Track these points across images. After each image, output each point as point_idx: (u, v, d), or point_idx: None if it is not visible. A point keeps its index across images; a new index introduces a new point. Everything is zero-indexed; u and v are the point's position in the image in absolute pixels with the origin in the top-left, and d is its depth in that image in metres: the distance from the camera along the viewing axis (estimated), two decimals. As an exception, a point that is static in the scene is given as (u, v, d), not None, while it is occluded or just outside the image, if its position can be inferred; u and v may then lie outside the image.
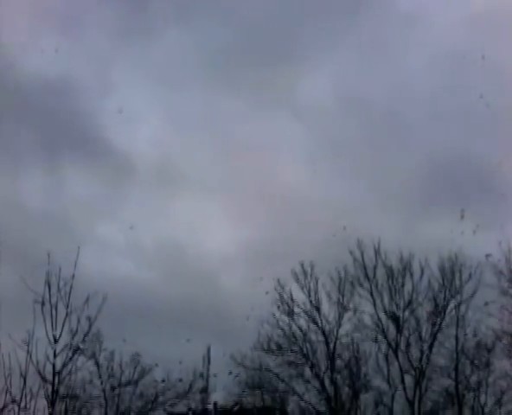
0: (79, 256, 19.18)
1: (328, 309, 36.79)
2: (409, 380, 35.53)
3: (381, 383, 35.97)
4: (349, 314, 36.58)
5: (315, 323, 36.70)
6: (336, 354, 36.56)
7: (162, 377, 33.21)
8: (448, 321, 35.74)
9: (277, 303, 36.29)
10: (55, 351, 19.27)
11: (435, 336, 35.70)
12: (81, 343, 20.27)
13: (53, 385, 19.40)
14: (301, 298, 36.81)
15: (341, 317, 36.63)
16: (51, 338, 19.06)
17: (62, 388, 20.12)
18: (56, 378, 19.41)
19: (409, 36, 46.31)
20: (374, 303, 36.33)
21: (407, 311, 36.14)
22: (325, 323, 36.61)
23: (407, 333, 36.09)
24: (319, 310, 36.76)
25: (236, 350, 34.85)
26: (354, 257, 36.51)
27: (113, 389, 32.82)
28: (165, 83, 48.15)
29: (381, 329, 36.18)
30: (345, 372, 36.62)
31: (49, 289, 19.45)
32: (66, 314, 19.73)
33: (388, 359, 35.92)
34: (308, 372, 36.54)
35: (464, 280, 35.28)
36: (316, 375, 36.29)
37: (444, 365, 35.61)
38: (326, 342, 36.46)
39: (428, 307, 36.07)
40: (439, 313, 35.85)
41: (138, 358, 32.59)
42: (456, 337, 35.27)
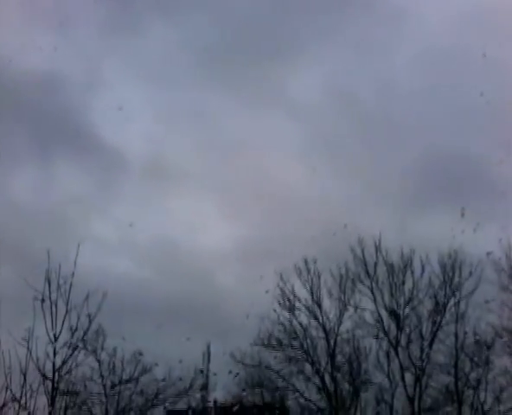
0: (77, 253, 19.12)
1: (329, 305, 36.97)
2: (409, 377, 35.66)
3: (382, 380, 36.12)
4: (350, 310, 36.72)
5: (316, 319, 36.79)
6: (337, 351, 36.65)
7: (162, 375, 33.34)
8: (448, 318, 35.82)
9: (278, 299, 36.44)
10: (55, 348, 19.30)
11: (435, 334, 35.74)
12: (81, 341, 20.28)
13: (53, 382, 19.41)
14: (302, 294, 37.01)
15: (341, 314, 36.74)
16: (51, 335, 19.09)
17: (62, 385, 20.14)
18: (56, 375, 19.44)
19: (399, 32, 46.55)
20: (375, 300, 36.44)
21: (408, 308, 36.22)
22: (326, 320, 36.75)
23: (408, 330, 36.17)
24: (320, 306, 36.86)
25: (236, 348, 35.01)
26: (354, 254, 36.67)
27: (114, 386, 32.89)
28: (157, 80, 48.47)
29: (382, 326, 36.25)
30: (345, 368, 36.68)
31: (49, 286, 19.46)
32: (66, 311, 19.76)
33: (389, 356, 35.99)
34: (308, 368, 36.67)
35: (465, 277, 35.37)
36: (316, 372, 36.36)
37: (443, 362, 35.70)
38: (327, 339, 36.54)
39: (429, 304, 36.17)
40: (440, 310, 35.89)
41: (140, 356, 32.63)
42: (455, 334, 35.33)
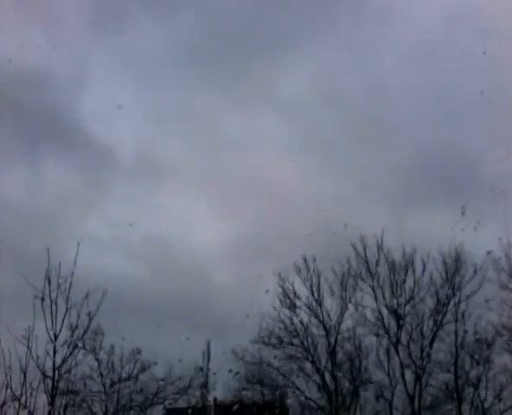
0: (77, 252, 19.08)
1: (330, 303, 36.94)
2: (409, 375, 35.65)
3: (382, 378, 36.12)
4: (351, 309, 36.71)
5: (316, 317, 36.77)
6: (337, 349, 36.63)
7: (161, 373, 33.38)
8: (449, 316, 35.81)
9: (279, 297, 36.43)
10: (55, 346, 19.31)
11: (436, 332, 35.73)
12: (80, 340, 20.29)
13: (53, 380, 19.43)
14: (303, 293, 37.00)
15: (342, 312, 36.70)
16: (51, 334, 19.08)
17: (62, 383, 20.15)
18: (56, 373, 19.44)
19: (389, 30, 46.72)
20: (376, 298, 36.42)
21: (409, 306, 36.19)
22: (326, 318, 36.72)
23: (409, 328, 36.16)
24: (321, 304, 36.83)
25: (237, 345, 35.01)
26: (356, 252, 36.63)
27: (113, 384, 32.89)
28: (147, 78, 48.38)
29: (382, 324, 36.21)
30: (346, 366, 36.67)
31: (49, 284, 19.46)
32: (66, 309, 19.75)
33: (389, 354, 35.98)
34: (308, 366, 36.63)
35: (468, 277, 35.31)
36: (316, 370, 36.34)
37: (444, 360, 35.70)
38: (327, 337, 36.52)
39: (430, 302, 36.15)
40: (441, 309, 35.87)
41: (138, 355, 32.63)
42: (455, 332, 35.32)
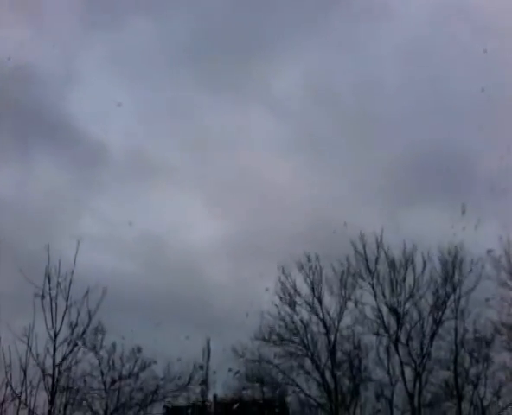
0: (77, 251, 19.08)
1: (329, 301, 36.97)
2: (409, 373, 35.70)
3: (382, 376, 36.15)
4: (351, 306, 36.73)
5: (316, 315, 36.80)
6: (337, 347, 36.66)
7: (161, 371, 33.42)
8: (449, 314, 35.84)
9: (279, 294, 36.47)
10: (55, 344, 19.32)
11: (436, 330, 35.77)
12: (80, 338, 20.30)
13: (53, 377, 19.45)
14: (303, 290, 37.02)
15: (342, 310, 36.73)
16: (51, 332, 19.10)
17: (63, 381, 20.17)
18: (56, 371, 19.46)
19: (382, 28, 46.99)
20: (376, 296, 36.44)
21: (409, 304, 36.23)
22: (326, 315, 36.76)
23: (408, 326, 36.19)
24: (321, 302, 36.86)
25: (236, 343, 35.04)
26: (355, 249, 36.65)
27: (114, 382, 32.91)
28: (139, 75, 48.43)
29: (382, 322, 36.23)
30: (346, 364, 36.70)
31: (49, 282, 19.45)
32: (66, 307, 19.75)
33: (389, 351, 36.02)
34: (308, 364, 36.67)
35: (465, 274, 35.36)
36: (316, 367, 36.37)
37: (443, 357, 35.75)
38: (327, 334, 36.55)
39: (429, 300, 36.18)
40: (440, 307, 35.90)
41: (138, 354, 32.66)
42: (455, 330, 35.35)
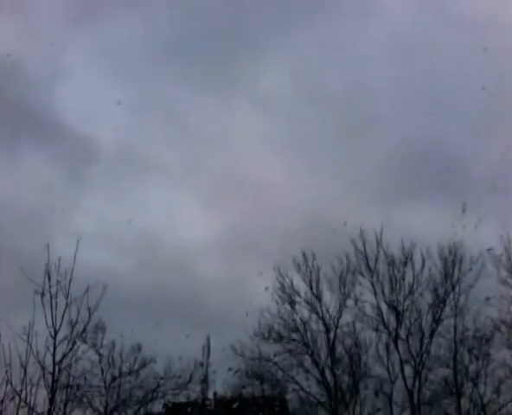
0: (77, 248, 19.04)
1: (329, 298, 37.02)
2: (409, 370, 35.77)
3: (381, 373, 36.22)
4: (350, 303, 36.78)
5: (316, 313, 36.84)
6: (337, 344, 36.72)
7: (161, 368, 33.51)
8: (448, 311, 35.90)
9: (278, 293, 36.51)
10: (55, 342, 19.33)
11: (435, 327, 35.82)
12: (80, 336, 20.28)
13: (53, 375, 19.45)
14: (302, 288, 37.08)
15: (342, 307, 36.78)
16: (51, 329, 19.10)
17: (63, 378, 20.18)
18: (56, 368, 19.47)
19: (369, 24, 46.78)
20: (375, 293, 36.49)
21: (408, 301, 36.28)
22: (326, 313, 36.80)
23: (408, 323, 36.25)
24: (320, 300, 36.90)
25: (235, 341, 35.11)
26: (355, 247, 36.70)
27: (114, 379, 33.00)
28: (126, 72, 48.29)
29: (382, 319, 36.30)
30: (345, 362, 36.76)
31: (49, 280, 19.45)
32: (66, 305, 19.76)
33: (388, 349, 36.08)
34: (308, 362, 36.74)
35: (465, 272, 35.41)
36: (316, 365, 36.43)
37: (443, 355, 35.81)
38: (326, 332, 36.60)
39: (429, 297, 36.22)
40: (440, 304, 35.95)
41: (138, 352, 32.76)
42: (454, 327, 35.41)
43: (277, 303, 36.33)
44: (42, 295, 18.60)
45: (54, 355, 19.14)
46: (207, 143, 45.39)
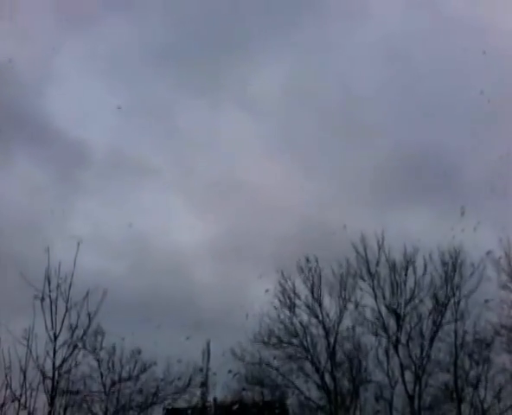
0: (77, 252, 18.99)
1: (329, 303, 36.98)
2: (409, 375, 35.69)
3: (382, 378, 36.14)
4: (351, 308, 36.74)
5: (316, 317, 36.78)
6: (337, 349, 36.66)
7: (161, 373, 33.42)
8: (449, 316, 35.86)
9: (278, 297, 36.47)
10: (55, 346, 19.28)
11: (436, 332, 35.77)
12: (80, 341, 20.22)
13: (53, 380, 19.40)
14: (302, 292, 37.02)
15: (342, 311, 36.74)
16: (51, 333, 19.05)
17: (62, 383, 20.12)
18: (56, 373, 19.42)
19: (361, 26, 46.66)
20: (376, 298, 36.45)
21: (409, 306, 36.23)
22: (326, 317, 36.75)
23: (408, 327, 36.20)
24: (321, 304, 36.85)
25: (235, 346, 35.05)
26: (356, 251, 36.66)
27: (114, 384, 32.92)
28: (117, 75, 48.15)
29: (382, 324, 36.25)
30: (345, 366, 36.69)
31: (49, 284, 19.40)
32: (66, 309, 19.71)
33: (388, 354, 36.02)
34: (308, 366, 36.66)
35: (465, 276, 35.39)
36: (316, 369, 36.37)
37: (443, 360, 35.75)
38: (327, 337, 36.55)
39: (429, 302, 36.18)
40: (440, 309, 35.90)
41: (138, 356, 32.68)
42: (455, 332, 35.37)
43: (275, 308, 36.32)
44: (42, 299, 18.57)
45: (54, 360, 19.09)
46: (200, 145, 45.33)
